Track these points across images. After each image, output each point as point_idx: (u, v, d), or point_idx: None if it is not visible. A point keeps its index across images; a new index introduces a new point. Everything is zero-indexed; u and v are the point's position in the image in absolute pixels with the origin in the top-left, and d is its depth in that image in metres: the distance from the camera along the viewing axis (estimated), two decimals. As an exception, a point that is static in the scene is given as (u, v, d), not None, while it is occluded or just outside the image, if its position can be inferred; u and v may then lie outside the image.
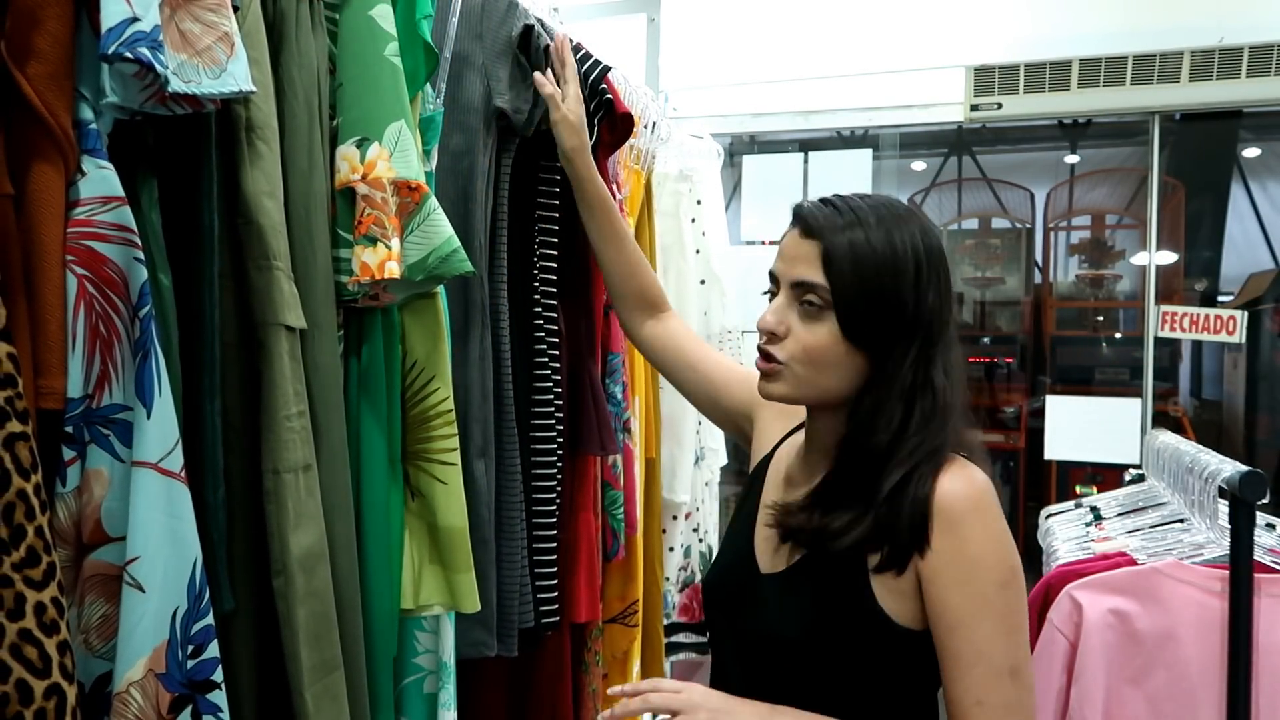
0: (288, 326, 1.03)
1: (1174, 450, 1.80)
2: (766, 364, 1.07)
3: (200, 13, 0.90)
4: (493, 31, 1.51)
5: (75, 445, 0.86)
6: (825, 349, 1.03)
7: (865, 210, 1.04)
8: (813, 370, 1.04)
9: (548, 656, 1.74)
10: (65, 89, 0.84)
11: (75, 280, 0.85)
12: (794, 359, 1.04)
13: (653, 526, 2.28)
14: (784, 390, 1.06)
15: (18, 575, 0.74)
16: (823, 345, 1.03)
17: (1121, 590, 1.52)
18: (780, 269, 1.08)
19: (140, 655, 0.86)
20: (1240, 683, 1.44)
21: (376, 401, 1.23)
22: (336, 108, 1.17)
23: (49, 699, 0.75)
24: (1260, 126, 4.48)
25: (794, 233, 1.07)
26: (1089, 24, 3.41)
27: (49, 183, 0.83)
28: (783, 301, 1.06)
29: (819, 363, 1.04)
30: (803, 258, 1.04)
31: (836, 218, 1.04)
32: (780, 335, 1.05)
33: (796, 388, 1.06)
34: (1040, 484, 4.71)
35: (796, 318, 1.05)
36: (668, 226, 2.53)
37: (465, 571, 1.29)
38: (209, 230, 0.97)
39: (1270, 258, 5.05)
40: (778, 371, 1.06)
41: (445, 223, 1.21)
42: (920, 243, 1.03)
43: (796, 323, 1.05)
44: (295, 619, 1.02)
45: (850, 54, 3.59)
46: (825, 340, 1.03)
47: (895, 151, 4.08)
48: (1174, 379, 4.78)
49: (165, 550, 0.87)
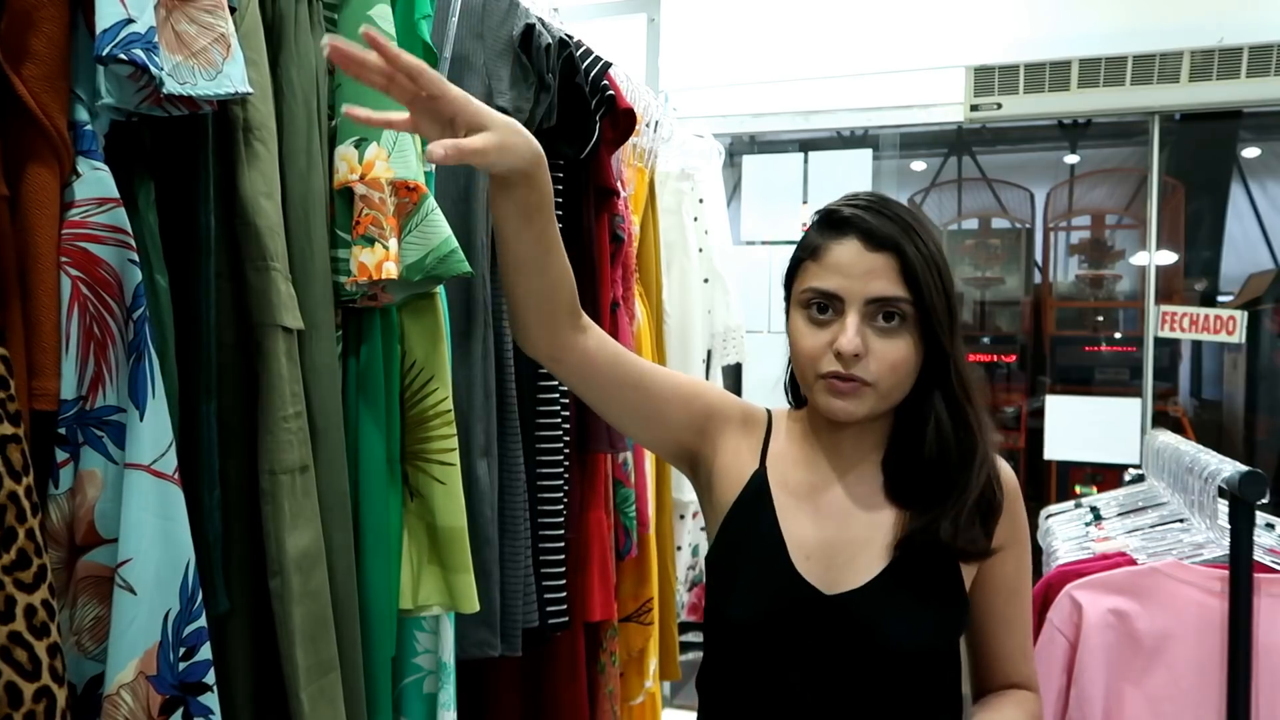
0: (285, 327, 1.03)
1: (1174, 450, 1.79)
2: (849, 384, 1.02)
3: (196, 14, 0.90)
4: (493, 31, 1.51)
5: (68, 447, 0.85)
6: (908, 361, 1.02)
7: (907, 214, 1.04)
8: (896, 385, 1.03)
9: (562, 657, 1.74)
10: (61, 90, 0.84)
11: (69, 282, 0.85)
12: (881, 377, 1.01)
13: (665, 525, 2.28)
14: (868, 409, 1.03)
15: (8, 578, 0.74)
16: (906, 358, 1.02)
17: (1121, 590, 1.51)
18: (848, 287, 1.01)
19: (131, 657, 0.86)
20: (1240, 683, 1.44)
21: (375, 402, 1.23)
22: (335, 108, 1.16)
23: (38, 701, 0.75)
24: (1260, 126, 4.47)
25: (854, 245, 1.02)
26: (1089, 24, 3.40)
27: (44, 184, 0.83)
28: (857, 320, 1.01)
29: (903, 377, 1.03)
30: (877, 272, 1.01)
31: (896, 224, 1.02)
32: (862, 356, 1.01)
33: (879, 404, 1.03)
34: (1040, 484, 4.70)
35: (872, 334, 1.01)
36: (671, 225, 2.53)
37: (464, 572, 1.29)
38: (206, 231, 0.97)
39: (1270, 258, 5.04)
40: (862, 391, 1.02)
41: (443, 223, 1.21)
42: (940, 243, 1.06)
43: (874, 339, 1.01)
44: (291, 620, 1.02)
45: (850, 54, 3.59)
46: (907, 353, 1.02)
47: (895, 151, 4.07)
48: (1174, 379, 4.77)
49: (157, 552, 0.87)
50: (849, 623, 1.03)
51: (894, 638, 1.02)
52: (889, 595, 1.04)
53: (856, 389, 1.01)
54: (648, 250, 2.24)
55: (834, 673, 1.03)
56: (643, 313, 2.16)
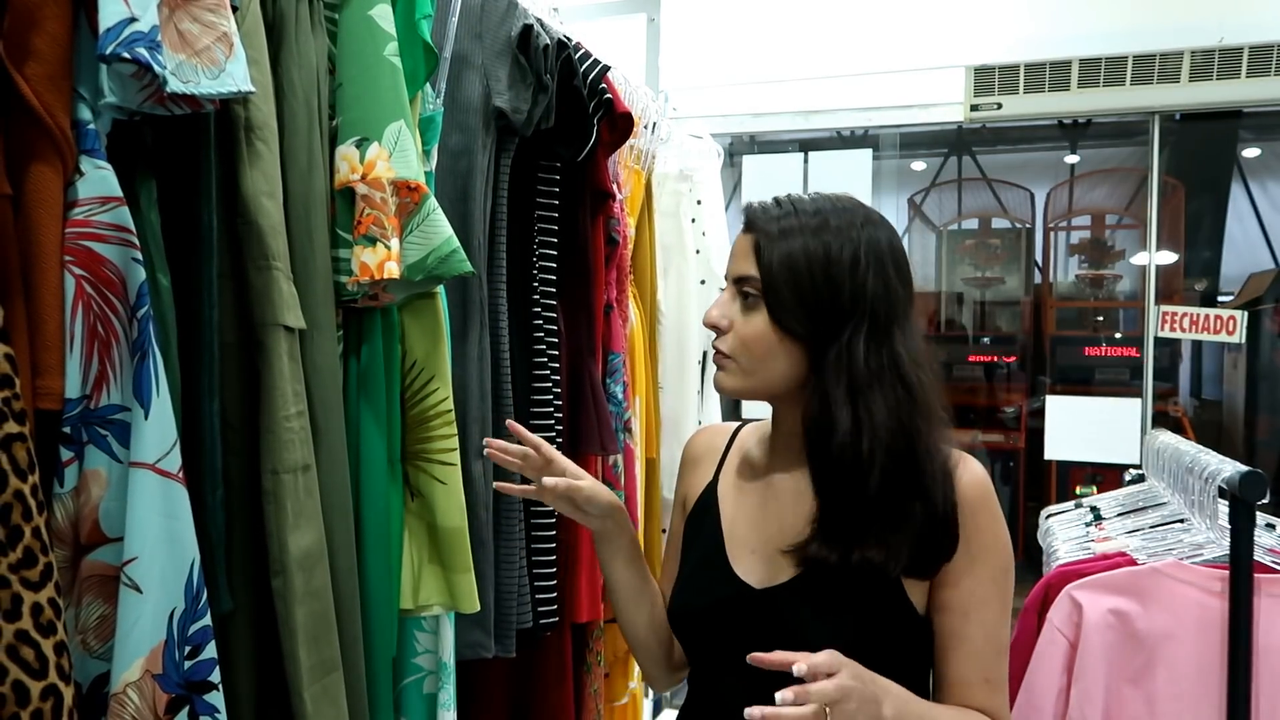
0: (287, 327, 1.03)
1: (1174, 450, 1.80)
2: (717, 357, 1.10)
3: (199, 13, 0.90)
4: (492, 31, 1.51)
5: (73, 446, 0.85)
6: (760, 337, 1.06)
7: (805, 204, 1.07)
8: (753, 360, 1.07)
9: (549, 657, 1.74)
10: (63, 89, 0.84)
11: (73, 281, 0.85)
12: (735, 351, 1.08)
13: (654, 526, 2.28)
14: (732, 382, 1.09)
15: (14, 576, 0.74)
16: (758, 334, 1.06)
17: (1121, 590, 1.51)
18: (728, 265, 1.11)
19: (137, 656, 0.86)
20: (1240, 683, 1.44)
21: (376, 402, 1.23)
22: (336, 108, 1.17)
23: (45, 700, 0.75)
24: (1260, 126, 4.47)
25: (740, 230, 1.11)
26: (1089, 24, 3.40)
27: (47, 183, 0.83)
28: (727, 296, 1.09)
29: (757, 353, 1.06)
30: (741, 253, 1.08)
31: (774, 212, 1.08)
32: (724, 329, 1.08)
33: (743, 379, 1.08)
34: (1040, 484, 4.71)
35: (738, 311, 1.08)
36: (668, 226, 2.53)
37: (465, 572, 1.29)
38: (208, 230, 0.97)
39: (1270, 258, 5.05)
40: (725, 364, 1.09)
41: (444, 223, 1.21)
42: (861, 233, 1.05)
43: (738, 316, 1.08)
44: (294, 619, 1.02)
45: (850, 54, 3.59)
46: (760, 329, 1.06)
47: (895, 151, 4.07)
48: (1174, 379, 4.78)
49: (163, 551, 0.87)
50: (772, 618, 1.06)
51: (812, 635, 1.00)
52: (810, 593, 1.05)
53: (725, 362, 1.09)
54: (643, 252, 2.24)
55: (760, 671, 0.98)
56: (636, 315, 2.16)
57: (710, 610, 1.12)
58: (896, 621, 1.04)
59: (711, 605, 1.12)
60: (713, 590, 1.12)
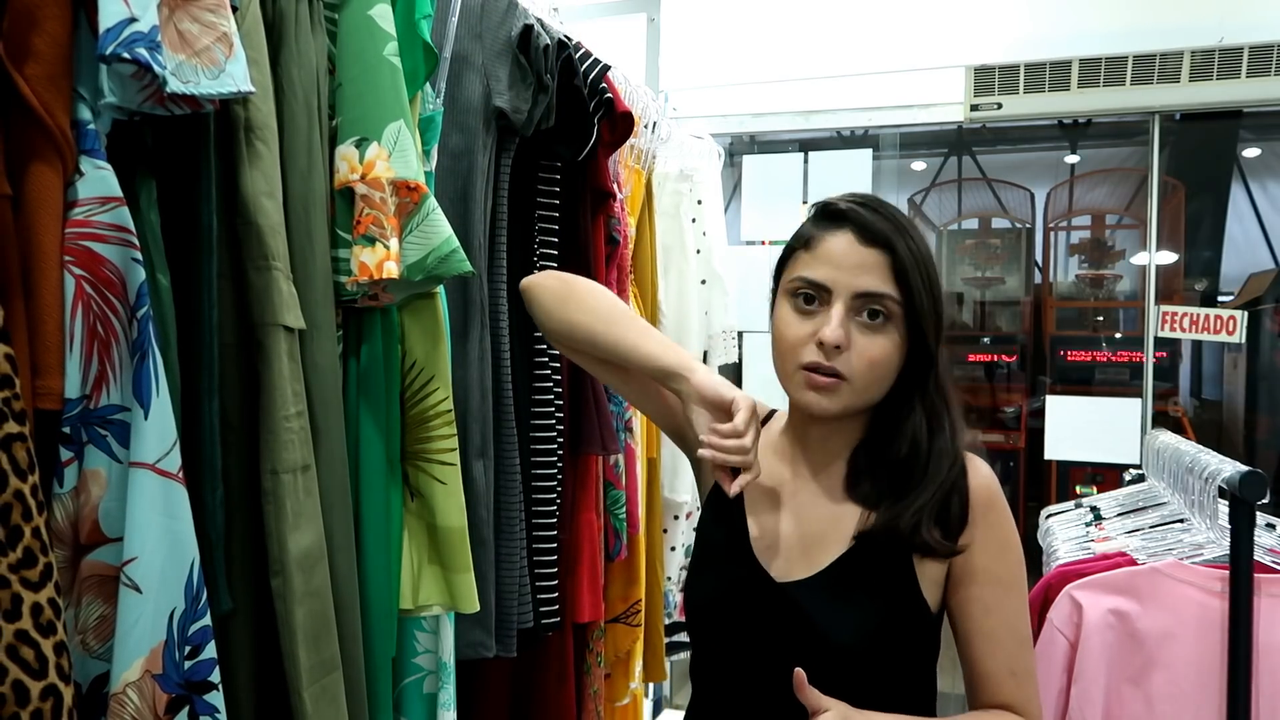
0: (286, 327, 1.03)
1: (1174, 450, 1.79)
2: (826, 379, 1.01)
3: (199, 13, 0.90)
4: (492, 31, 1.51)
5: (73, 446, 0.85)
6: (888, 360, 1.02)
7: (900, 216, 1.04)
8: (873, 382, 1.02)
9: (550, 657, 1.74)
10: (63, 89, 0.84)
11: (73, 281, 0.85)
12: (858, 373, 1.01)
13: (654, 526, 2.28)
14: (842, 405, 1.03)
15: (14, 576, 0.74)
16: (886, 357, 1.01)
17: (1121, 590, 1.51)
18: (837, 278, 1.01)
19: (137, 656, 0.86)
20: (1240, 683, 1.44)
21: (375, 402, 1.23)
22: (336, 107, 1.17)
23: (45, 700, 0.75)
24: (1260, 126, 4.48)
25: (847, 238, 1.02)
26: (1089, 24, 3.40)
27: (47, 183, 0.83)
28: (842, 312, 1.00)
29: (880, 375, 1.02)
30: (869, 267, 1.01)
31: (890, 224, 1.01)
32: (844, 349, 1.00)
33: (854, 400, 1.03)
34: (1040, 484, 4.71)
35: (855, 328, 1.01)
36: (668, 226, 2.53)
37: (465, 572, 1.29)
38: (208, 231, 0.97)
39: (1270, 258, 5.05)
40: (838, 387, 1.01)
41: (444, 223, 1.21)
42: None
43: (857, 334, 1.01)
44: (293, 619, 1.02)
45: (850, 54, 3.58)
46: (889, 351, 1.02)
47: (895, 151, 4.07)
48: (1174, 379, 4.78)
49: (162, 551, 0.87)
50: (793, 612, 1.05)
51: (834, 630, 1.02)
52: (834, 588, 1.05)
53: (834, 384, 1.01)
54: (643, 252, 2.24)
55: (782, 660, 1.00)
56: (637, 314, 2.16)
57: (730, 601, 1.09)
58: (911, 619, 1.04)
59: (735, 596, 1.09)
60: (737, 582, 1.10)
